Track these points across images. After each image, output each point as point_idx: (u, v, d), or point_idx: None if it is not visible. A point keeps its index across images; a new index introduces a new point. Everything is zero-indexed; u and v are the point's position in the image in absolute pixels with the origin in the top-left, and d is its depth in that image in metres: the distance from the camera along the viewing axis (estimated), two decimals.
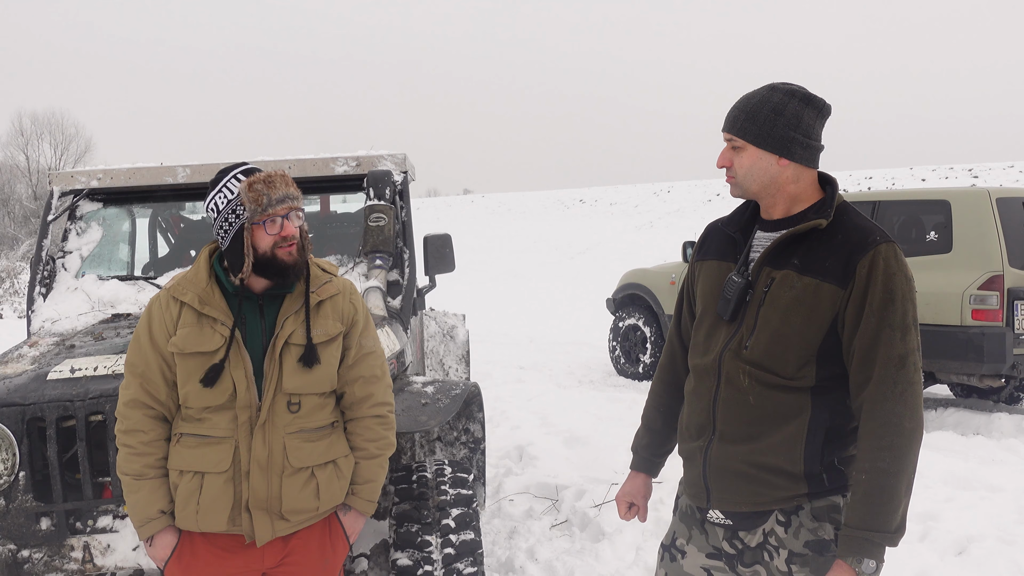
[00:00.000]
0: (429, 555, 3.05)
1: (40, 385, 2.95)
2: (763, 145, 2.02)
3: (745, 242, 2.14)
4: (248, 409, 2.32)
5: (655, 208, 36.79)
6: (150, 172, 4.33)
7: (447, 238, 4.58)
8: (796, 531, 2.03)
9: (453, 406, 3.40)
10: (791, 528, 2.03)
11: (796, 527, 2.03)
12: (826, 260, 1.98)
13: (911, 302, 1.95)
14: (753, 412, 2.04)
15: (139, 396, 2.34)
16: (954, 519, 4.53)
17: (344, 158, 4.34)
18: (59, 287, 4.12)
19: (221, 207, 2.33)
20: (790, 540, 2.03)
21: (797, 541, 2.02)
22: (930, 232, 7.27)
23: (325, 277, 2.46)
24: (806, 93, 2.04)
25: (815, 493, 2.01)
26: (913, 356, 1.93)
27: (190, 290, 2.35)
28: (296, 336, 2.35)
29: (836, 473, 2.02)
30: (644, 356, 9.71)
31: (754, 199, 2.13)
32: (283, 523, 2.36)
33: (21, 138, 48.37)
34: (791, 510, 2.03)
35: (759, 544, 2.08)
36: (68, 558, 2.92)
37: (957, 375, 7.24)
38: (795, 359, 2.00)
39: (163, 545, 2.38)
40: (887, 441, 1.90)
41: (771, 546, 2.06)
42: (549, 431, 6.64)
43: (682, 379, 2.31)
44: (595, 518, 4.71)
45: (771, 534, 2.06)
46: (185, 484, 2.32)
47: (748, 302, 2.07)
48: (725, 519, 2.13)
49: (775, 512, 2.05)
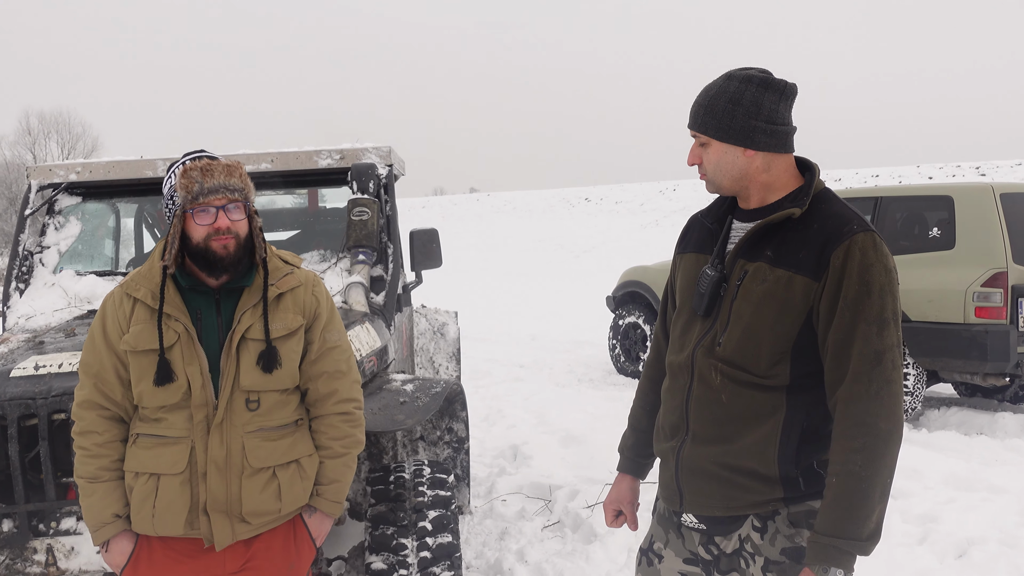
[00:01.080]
0: (404, 559, 2.96)
1: (2, 382, 2.87)
2: (725, 138, 1.94)
3: (721, 233, 2.05)
4: (204, 408, 2.23)
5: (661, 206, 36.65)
6: (130, 166, 4.25)
7: (434, 233, 4.49)
8: (772, 537, 1.93)
9: (432, 404, 3.30)
10: (767, 534, 1.94)
11: (772, 533, 1.93)
12: (799, 251, 1.88)
13: (891, 295, 1.84)
14: (725, 412, 1.94)
15: (93, 396, 2.26)
16: (955, 521, 4.42)
17: (328, 151, 4.26)
18: (36, 283, 4.04)
19: (164, 192, 2.27)
20: (766, 547, 1.93)
21: (774, 548, 1.93)
22: (933, 228, 7.17)
23: (286, 269, 2.37)
24: (764, 77, 1.94)
25: (791, 498, 1.91)
26: (891, 353, 1.83)
27: (143, 286, 2.27)
28: (253, 331, 2.25)
29: (814, 477, 1.92)
30: (644, 354, 9.61)
31: (728, 194, 2.04)
32: (244, 526, 2.27)
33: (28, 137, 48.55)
34: (767, 515, 1.94)
35: (735, 551, 1.99)
36: (31, 561, 2.84)
37: (960, 374, 7.13)
38: (767, 356, 1.90)
39: (119, 551, 2.29)
40: (859, 442, 1.80)
41: (747, 553, 1.96)
42: (545, 430, 6.56)
43: None
44: (588, 519, 4.62)
45: (747, 540, 1.96)
46: (140, 486, 2.24)
47: (722, 296, 1.98)
48: (699, 523, 2.04)
49: (751, 517, 1.95)
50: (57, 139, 49.07)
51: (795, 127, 1.97)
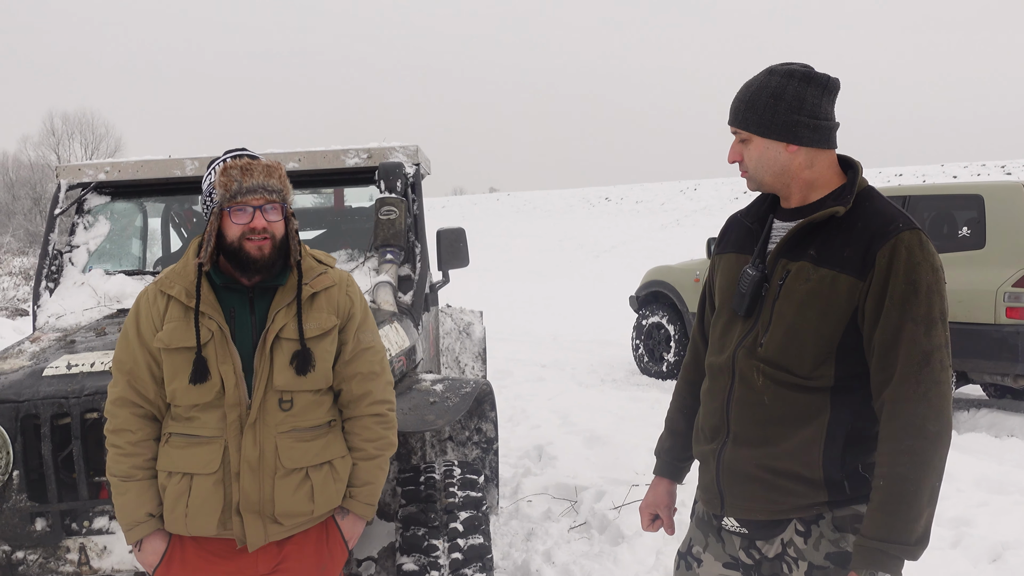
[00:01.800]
0: (436, 560, 2.94)
1: (35, 382, 2.87)
2: (767, 134, 1.90)
3: (762, 232, 2.02)
4: (237, 407, 2.21)
5: (681, 206, 36.44)
6: (158, 165, 4.26)
7: (461, 232, 4.47)
8: (816, 542, 1.89)
9: (462, 405, 3.28)
10: (811, 539, 1.90)
11: (816, 538, 1.90)
12: (844, 250, 1.85)
13: (938, 295, 1.81)
14: (768, 413, 1.91)
15: (126, 394, 2.25)
16: (988, 524, 4.37)
17: (355, 150, 4.25)
18: (66, 282, 4.06)
19: (203, 189, 2.27)
20: (810, 552, 1.90)
21: (817, 553, 1.89)
22: (962, 227, 7.07)
23: (320, 268, 2.35)
24: (806, 72, 1.91)
25: (836, 502, 1.88)
26: (939, 353, 1.79)
27: (177, 283, 2.26)
28: (287, 330, 2.24)
29: (859, 480, 1.88)
30: (668, 355, 9.55)
31: (770, 191, 2.01)
32: (276, 527, 2.26)
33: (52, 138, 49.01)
34: (811, 519, 1.90)
35: (777, 555, 1.95)
36: (64, 560, 2.84)
37: (990, 375, 7.02)
38: (812, 357, 1.86)
39: (152, 550, 2.29)
40: (908, 444, 1.76)
41: (790, 558, 1.93)
42: (569, 430, 6.54)
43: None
44: (614, 520, 4.59)
45: (790, 545, 1.93)
46: (173, 486, 2.23)
47: (764, 296, 1.94)
48: (741, 527, 2.00)
49: (793, 521, 1.92)
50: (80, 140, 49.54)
51: (838, 123, 1.94)
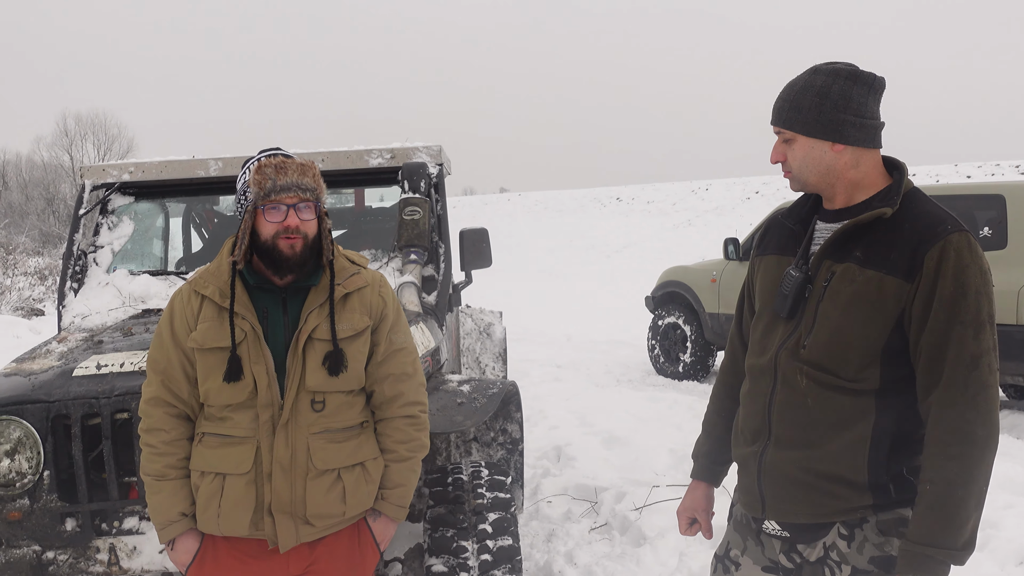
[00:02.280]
0: (465, 561, 2.93)
1: (65, 382, 2.88)
2: (813, 133, 1.88)
3: (805, 234, 1.99)
4: (270, 407, 2.21)
5: (693, 206, 36.36)
6: (182, 165, 4.27)
7: (484, 232, 4.46)
8: (860, 546, 1.87)
9: (490, 406, 3.27)
10: (855, 542, 1.88)
11: (860, 541, 1.87)
12: (891, 252, 1.82)
13: (986, 297, 1.79)
14: (811, 416, 1.89)
15: (160, 394, 2.25)
16: (1015, 527, 4.32)
17: (379, 150, 4.25)
18: (90, 282, 4.07)
19: (237, 188, 2.26)
20: (853, 555, 1.88)
21: (861, 557, 1.87)
22: (983, 228, 7.02)
23: (353, 269, 2.35)
24: (852, 70, 1.89)
25: (881, 505, 1.85)
26: (987, 357, 1.77)
27: (211, 283, 2.26)
28: (320, 331, 2.24)
29: (904, 484, 1.86)
30: (684, 355, 9.52)
31: (815, 191, 1.98)
32: (308, 528, 2.26)
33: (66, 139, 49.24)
34: (854, 523, 1.88)
35: (819, 559, 1.93)
36: (94, 560, 2.84)
37: (1012, 376, 6.99)
38: (857, 359, 1.84)
39: (184, 549, 2.29)
40: (956, 450, 1.74)
41: (832, 561, 1.90)
42: (588, 431, 6.52)
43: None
44: (636, 522, 4.57)
45: (832, 548, 1.91)
46: (206, 486, 2.23)
47: (807, 298, 1.92)
48: (782, 530, 1.98)
49: (837, 525, 1.90)
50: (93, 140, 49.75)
51: (883, 122, 1.92)
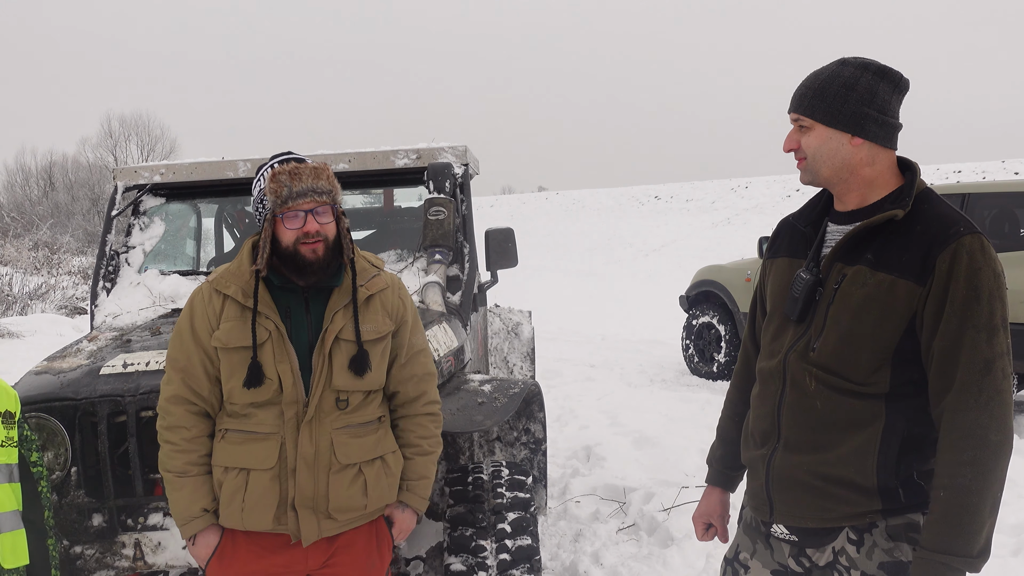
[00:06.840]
0: (483, 560, 2.94)
1: (92, 380, 2.94)
2: (833, 123, 1.85)
3: (816, 236, 1.97)
4: (295, 405, 2.25)
5: (732, 204, 36.03)
6: (212, 167, 4.33)
7: (509, 232, 4.47)
8: (869, 551, 1.85)
9: (511, 405, 3.28)
10: (864, 547, 1.86)
11: (870, 547, 1.85)
12: (903, 254, 1.80)
13: (1000, 300, 1.75)
14: (820, 419, 1.87)
15: (181, 392, 2.29)
16: None
17: (404, 151, 4.27)
18: (122, 282, 4.14)
19: (253, 196, 2.30)
20: (863, 561, 1.86)
21: (871, 562, 1.85)
22: None
23: (372, 271, 2.39)
24: (880, 66, 1.86)
25: (890, 510, 1.83)
26: (1001, 361, 1.74)
27: (233, 283, 2.29)
28: (346, 331, 2.28)
29: (915, 488, 1.83)
30: (719, 355, 9.45)
31: (826, 186, 1.95)
32: (330, 522, 2.30)
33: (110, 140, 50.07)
34: (864, 528, 1.86)
35: (828, 563, 1.91)
36: (119, 555, 2.90)
37: None
38: (867, 363, 1.82)
39: (205, 544, 2.33)
40: (969, 455, 1.71)
41: (841, 566, 1.89)
42: (618, 431, 6.51)
43: None
44: (664, 522, 4.55)
45: (841, 553, 1.89)
46: (230, 481, 2.27)
47: (817, 301, 1.90)
48: (790, 535, 1.97)
49: (846, 529, 1.88)
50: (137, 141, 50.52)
51: (901, 124, 1.89)
